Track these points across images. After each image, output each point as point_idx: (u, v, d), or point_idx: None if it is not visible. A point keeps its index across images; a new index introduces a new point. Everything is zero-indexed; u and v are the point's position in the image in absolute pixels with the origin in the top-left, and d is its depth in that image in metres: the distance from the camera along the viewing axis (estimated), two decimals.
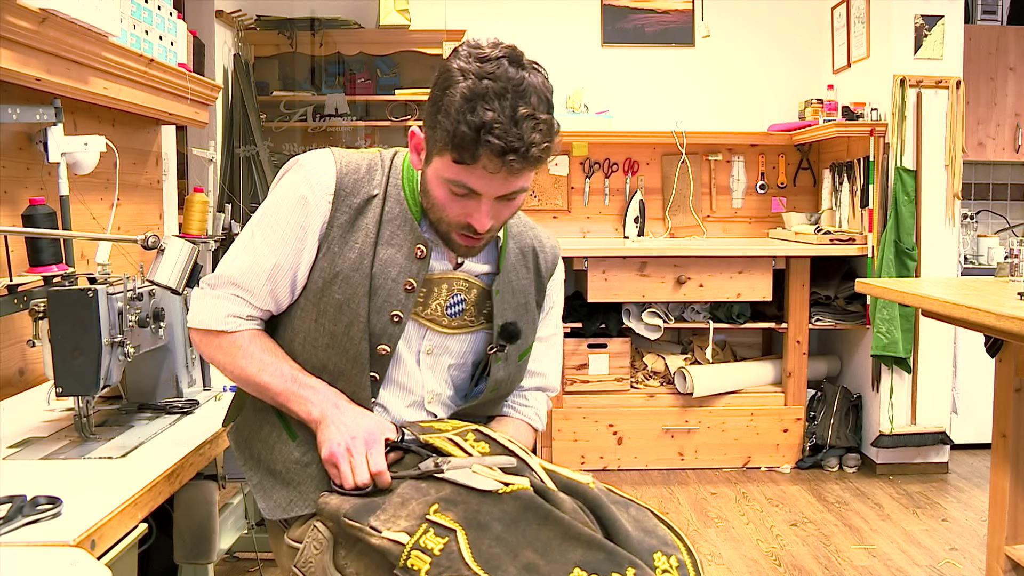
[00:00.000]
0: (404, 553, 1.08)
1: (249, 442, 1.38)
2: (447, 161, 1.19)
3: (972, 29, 4.04)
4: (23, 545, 1.04)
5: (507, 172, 1.17)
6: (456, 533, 1.08)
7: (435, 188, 1.24)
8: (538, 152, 1.15)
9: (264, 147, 3.92)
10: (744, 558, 2.88)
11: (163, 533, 1.63)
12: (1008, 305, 1.92)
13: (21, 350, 1.98)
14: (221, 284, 1.33)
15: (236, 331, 1.32)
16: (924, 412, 3.69)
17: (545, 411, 1.54)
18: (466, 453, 1.23)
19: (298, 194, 1.30)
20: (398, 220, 1.32)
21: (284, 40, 4.02)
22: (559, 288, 1.53)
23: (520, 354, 1.44)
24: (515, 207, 1.28)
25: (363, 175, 1.33)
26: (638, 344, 4.04)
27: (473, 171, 1.17)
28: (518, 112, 1.13)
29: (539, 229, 1.50)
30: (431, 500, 1.14)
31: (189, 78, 2.52)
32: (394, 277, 1.30)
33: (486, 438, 1.28)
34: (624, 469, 3.81)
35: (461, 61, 1.17)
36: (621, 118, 4.18)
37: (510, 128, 1.13)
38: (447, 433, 1.28)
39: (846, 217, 3.94)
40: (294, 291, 1.33)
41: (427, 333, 1.37)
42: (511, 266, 1.41)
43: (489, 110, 1.13)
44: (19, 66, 1.70)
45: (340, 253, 1.29)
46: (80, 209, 2.22)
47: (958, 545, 2.98)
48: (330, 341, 1.30)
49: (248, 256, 1.32)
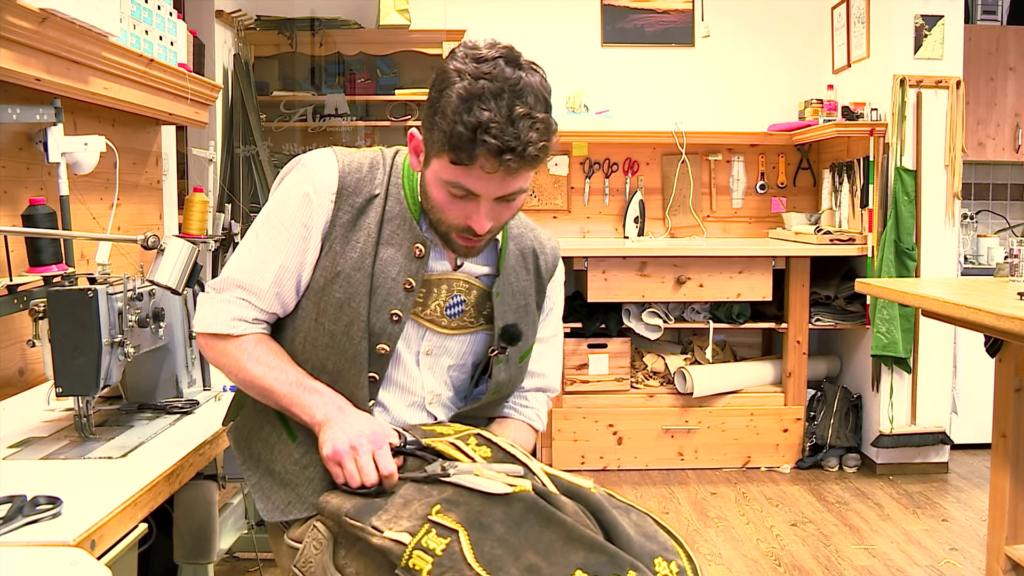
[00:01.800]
0: (406, 553, 1.08)
1: (249, 442, 1.37)
2: (445, 163, 1.18)
3: (972, 29, 4.04)
4: (23, 545, 1.04)
5: (504, 172, 1.16)
6: (458, 534, 1.08)
7: (434, 190, 1.24)
8: (535, 151, 1.15)
9: (264, 147, 3.92)
10: (744, 558, 2.88)
11: (163, 533, 1.63)
12: (1008, 305, 1.92)
13: (21, 350, 1.98)
14: (227, 288, 1.32)
15: (242, 335, 1.31)
16: (924, 412, 3.69)
17: (546, 412, 1.54)
18: (468, 458, 1.23)
19: (301, 193, 1.30)
20: (398, 219, 1.32)
21: (284, 40, 4.02)
22: (559, 289, 1.53)
23: (521, 355, 1.43)
24: (515, 208, 1.27)
25: (365, 174, 1.32)
26: (638, 344, 4.04)
27: (471, 172, 1.17)
28: (515, 112, 1.13)
29: (539, 230, 1.50)
30: (433, 501, 1.14)
31: (189, 78, 2.52)
32: (394, 276, 1.30)
33: (488, 442, 1.28)
34: (624, 469, 3.81)
35: (458, 62, 1.17)
36: (621, 118, 4.18)
37: (507, 128, 1.12)
38: (449, 437, 1.28)
39: (846, 217, 3.94)
40: (299, 292, 1.32)
41: (426, 333, 1.36)
42: (511, 268, 1.41)
43: (485, 110, 1.12)
44: (19, 66, 1.70)
45: (342, 252, 1.29)
46: (80, 209, 2.22)
47: (958, 545, 2.98)
48: (330, 340, 1.30)
49: (253, 259, 1.31)
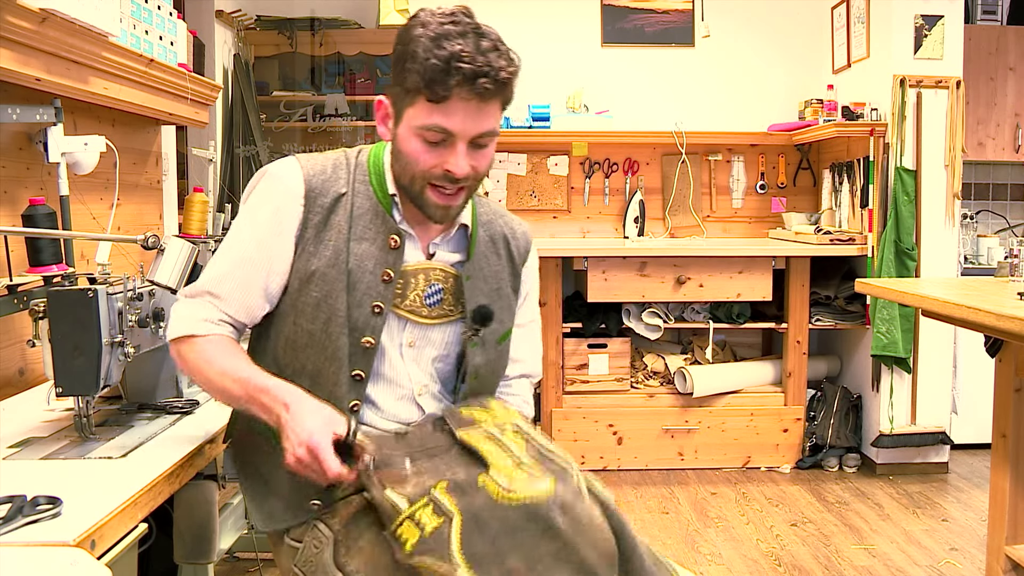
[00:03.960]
0: (398, 519, 1.10)
1: (242, 452, 1.42)
2: (420, 106, 1.23)
3: (972, 29, 4.04)
4: (23, 545, 1.04)
5: (479, 101, 1.21)
6: (453, 519, 1.09)
7: (407, 143, 1.27)
8: (506, 75, 1.22)
9: (264, 147, 3.92)
10: (744, 558, 2.88)
11: (163, 533, 1.63)
12: (1008, 305, 1.92)
13: (21, 350, 1.98)
14: (198, 294, 1.36)
15: (206, 335, 1.32)
16: (924, 412, 3.69)
17: (532, 397, 1.57)
18: (501, 447, 1.22)
19: (269, 203, 1.33)
20: (369, 214, 1.34)
21: (284, 40, 4.02)
22: (534, 274, 1.55)
23: (498, 338, 1.44)
24: (488, 157, 1.31)
25: (330, 175, 1.35)
26: (638, 344, 4.04)
27: (447, 109, 1.22)
28: (482, 45, 1.21)
29: (509, 216, 1.53)
30: (444, 478, 1.16)
31: (189, 78, 2.52)
32: (371, 269, 1.32)
33: (524, 436, 1.27)
34: (624, 469, 3.81)
35: (418, 21, 1.25)
36: (621, 118, 4.18)
37: (477, 56, 1.20)
38: (486, 426, 1.28)
39: (846, 217, 3.94)
40: (270, 300, 1.34)
41: (407, 325, 1.37)
42: (481, 253, 1.44)
43: (456, 43, 1.20)
44: (19, 66, 1.70)
45: (316, 252, 1.32)
46: (80, 209, 2.22)
47: (958, 545, 2.98)
48: (308, 340, 1.32)
49: (219, 267, 1.35)
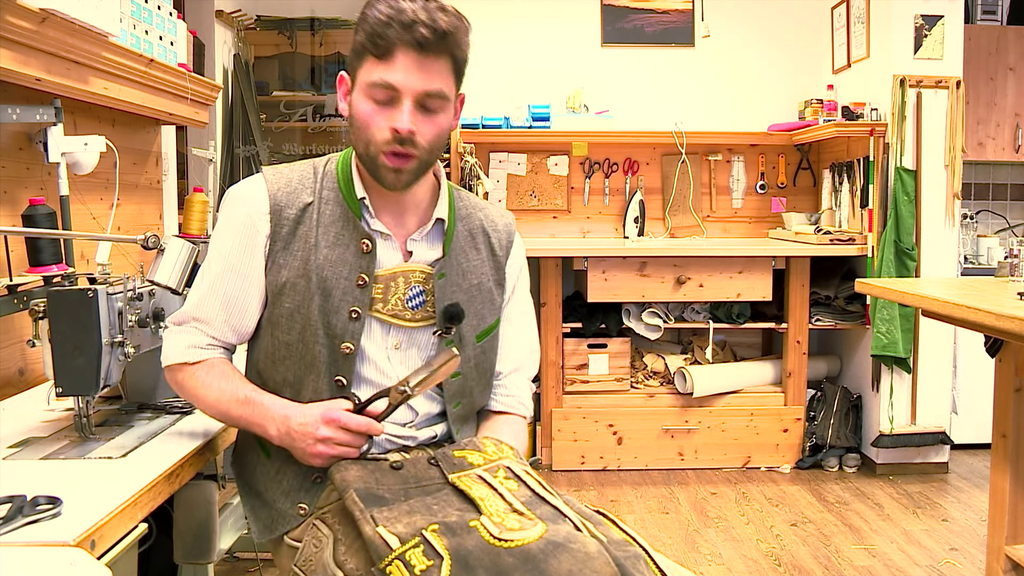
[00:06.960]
0: (388, 558, 1.08)
1: (242, 467, 1.44)
2: (368, 65, 1.27)
3: (972, 29, 4.04)
4: (23, 545, 1.04)
5: (420, 54, 1.24)
6: (443, 562, 1.06)
7: (360, 107, 1.29)
8: (445, 25, 1.24)
9: (264, 147, 3.92)
10: (744, 558, 2.88)
11: (163, 533, 1.63)
12: (1008, 305, 1.92)
13: (21, 350, 1.98)
14: (184, 320, 1.39)
15: (197, 361, 1.36)
16: (924, 412, 3.69)
17: (529, 395, 1.53)
18: (494, 491, 1.20)
19: (237, 222, 1.35)
20: (340, 221, 1.35)
21: (284, 40, 4.03)
22: (521, 266, 1.52)
23: (477, 336, 1.43)
24: (439, 126, 1.31)
25: (295, 187, 1.37)
26: (638, 344, 4.04)
27: (391, 63, 1.25)
28: (429, 5, 1.25)
29: (490, 209, 1.52)
30: (435, 520, 1.13)
31: (189, 78, 2.52)
32: (346, 275, 1.33)
33: (517, 478, 1.25)
34: (624, 469, 3.81)
35: None
36: (621, 118, 4.18)
37: (419, 10, 1.24)
38: (477, 470, 1.26)
39: (846, 217, 3.94)
40: (254, 315, 1.37)
41: (391, 329, 1.37)
42: (459, 248, 1.43)
43: (403, 2, 1.24)
44: (19, 66, 1.70)
45: (285, 264, 1.33)
46: (80, 209, 2.22)
47: (958, 545, 2.98)
48: (286, 352, 1.33)
49: (202, 289, 1.38)
